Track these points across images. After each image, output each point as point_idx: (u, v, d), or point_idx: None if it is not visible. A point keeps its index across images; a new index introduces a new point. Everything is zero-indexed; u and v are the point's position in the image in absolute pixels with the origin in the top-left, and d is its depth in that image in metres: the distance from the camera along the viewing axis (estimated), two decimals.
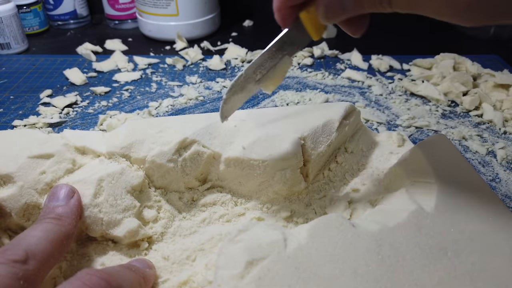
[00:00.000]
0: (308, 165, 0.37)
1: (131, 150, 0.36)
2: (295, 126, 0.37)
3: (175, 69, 0.69)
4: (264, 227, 0.30)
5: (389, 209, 0.33)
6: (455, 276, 0.27)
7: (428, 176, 0.34)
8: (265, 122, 0.38)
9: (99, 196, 0.33)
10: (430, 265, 0.27)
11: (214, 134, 0.38)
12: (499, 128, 0.53)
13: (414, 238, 0.29)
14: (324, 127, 0.38)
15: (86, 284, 0.24)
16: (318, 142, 0.37)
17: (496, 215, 0.31)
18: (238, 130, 0.38)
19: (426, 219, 0.30)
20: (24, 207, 0.33)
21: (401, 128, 0.53)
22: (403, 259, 0.28)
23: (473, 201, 0.32)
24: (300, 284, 0.26)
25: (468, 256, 0.28)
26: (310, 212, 0.37)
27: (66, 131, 0.38)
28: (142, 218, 0.35)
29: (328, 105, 0.42)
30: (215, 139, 0.38)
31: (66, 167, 0.35)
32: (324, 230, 0.29)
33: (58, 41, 0.84)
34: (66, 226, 0.29)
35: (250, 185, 0.37)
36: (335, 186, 0.39)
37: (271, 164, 0.35)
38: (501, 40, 0.84)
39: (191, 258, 0.33)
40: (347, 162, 0.40)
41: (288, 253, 0.27)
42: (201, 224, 0.36)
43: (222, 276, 0.26)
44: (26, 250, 0.25)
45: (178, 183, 0.37)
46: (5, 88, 0.63)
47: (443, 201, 0.32)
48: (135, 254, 0.34)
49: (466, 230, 0.30)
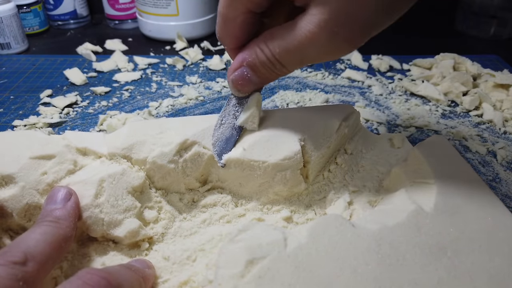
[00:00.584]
0: (308, 166, 0.37)
1: (132, 151, 0.36)
2: (295, 127, 0.38)
3: (175, 69, 0.69)
4: (264, 227, 0.30)
5: (388, 209, 0.33)
6: (455, 276, 0.27)
7: (427, 176, 0.35)
8: (266, 124, 0.38)
9: (100, 196, 0.33)
10: (430, 264, 0.27)
11: None
12: (499, 128, 0.53)
13: (414, 238, 0.29)
14: (324, 129, 0.38)
15: (87, 283, 0.24)
16: (318, 144, 0.37)
17: (495, 215, 0.31)
18: None
19: (426, 219, 0.30)
20: (26, 208, 0.33)
21: (401, 128, 0.53)
22: (403, 258, 0.28)
23: (472, 201, 0.32)
24: (300, 283, 0.26)
25: (467, 256, 0.28)
26: (310, 213, 0.37)
27: (67, 132, 0.38)
28: (142, 218, 0.35)
29: (328, 107, 0.42)
30: None
31: (67, 168, 0.35)
32: (324, 230, 0.29)
33: (58, 41, 0.85)
34: (64, 229, 0.29)
35: (251, 186, 0.37)
36: (335, 187, 0.39)
37: (271, 165, 0.35)
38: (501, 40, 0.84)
39: (192, 258, 0.33)
40: (347, 163, 0.40)
41: (288, 252, 0.28)
42: (202, 224, 0.37)
43: (223, 275, 0.26)
44: (25, 252, 0.26)
45: (179, 184, 0.37)
46: (5, 88, 0.63)
47: (443, 201, 0.32)
48: (136, 255, 0.34)
49: (466, 230, 0.30)
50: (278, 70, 0.33)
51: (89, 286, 0.24)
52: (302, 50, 0.31)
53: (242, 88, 0.35)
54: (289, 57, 0.32)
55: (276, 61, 0.33)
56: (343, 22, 0.29)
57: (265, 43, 0.32)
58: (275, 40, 0.32)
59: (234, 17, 0.33)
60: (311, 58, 0.32)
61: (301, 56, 0.32)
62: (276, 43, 0.32)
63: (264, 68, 0.33)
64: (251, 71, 0.34)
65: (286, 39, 0.31)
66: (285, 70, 0.33)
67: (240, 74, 0.34)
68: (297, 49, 0.31)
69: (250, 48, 0.34)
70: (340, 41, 0.30)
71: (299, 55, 0.31)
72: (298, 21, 0.30)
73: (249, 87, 0.35)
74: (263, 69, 0.34)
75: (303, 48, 0.31)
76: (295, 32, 0.30)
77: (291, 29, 0.31)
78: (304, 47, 0.31)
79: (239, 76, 0.34)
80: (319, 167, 0.39)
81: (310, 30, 0.29)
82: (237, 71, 0.35)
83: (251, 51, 0.33)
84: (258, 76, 0.34)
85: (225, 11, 0.33)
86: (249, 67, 0.34)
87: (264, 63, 0.33)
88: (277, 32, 0.32)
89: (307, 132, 0.37)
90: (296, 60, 0.32)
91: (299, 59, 0.32)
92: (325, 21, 0.29)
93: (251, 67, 0.34)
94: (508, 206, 0.39)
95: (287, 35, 0.31)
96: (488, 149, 0.49)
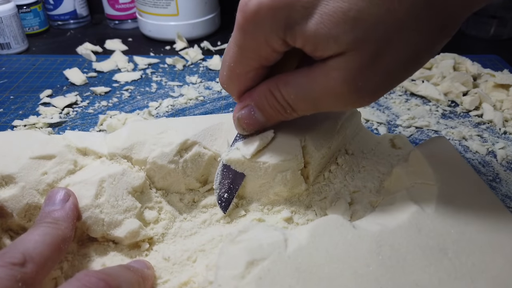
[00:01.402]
0: (309, 167, 0.37)
1: (132, 152, 0.36)
2: (296, 128, 0.37)
3: (175, 69, 0.69)
4: (265, 228, 0.30)
5: (389, 210, 0.33)
6: (456, 277, 0.27)
7: (428, 177, 0.34)
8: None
9: (100, 197, 0.33)
10: (431, 265, 0.27)
11: (215, 135, 0.38)
12: (499, 128, 0.53)
13: (415, 239, 0.29)
14: (324, 129, 0.38)
15: (85, 285, 0.24)
16: (318, 144, 0.37)
17: (496, 216, 0.31)
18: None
19: (427, 220, 0.30)
20: (26, 208, 0.33)
21: (401, 128, 0.53)
22: (403, 260, 0.28)
23: (473, 202, 0.32)
24: (301, 284, 0.26)
25: (468, 257, 0.28)
26: (310, 214, 0.37)
27: (67, 132, 0.38)
28: (143, 219, 0.35)
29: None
30: (216, 141, 0.38)
31: (67, 168, 0.35)
32: (325, 231, 0.29)
33: (58, 41, 0.85)
34: (63, 230, 0.29)
35: (251, 186, 0.37)
36: (335, 187, 0.39)
37: (272, 166, 0.35)
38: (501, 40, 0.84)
39: (192, 259, 0.33)
40: (348, 164, 0.40)
41: (289, 253, 0.27)
42: (202, 225, 0.36)
43: (223, 276, 0.26)
44: (24, 253, 0.26)
45: (179, 184, 0.37)
46: (5, 88, 0.63)
47: (443, 202, 0.32)
48: (136, 255, 0.34)
49: (466, 231, 0.30)
50: (288, 114, 0.32)
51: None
52: (320, 100, 0.30)
53: (247, 127, 0.34)
54: (304, 105, 0.31)
55: (288, 106, 0.31)
56: (365, 76, 0.27)
57: (278, 88, 0.31)
58: (290, 87, 0.31)
59: (245, 72, 0.31)
60: (328, 107, 0.31)
61: (317, 105, 0.31)
62: (292, 90, 0.31)
63: (273, 111, 0.32)
64: (259, 111, 0.33)
65: (303, 88, 0.30)
66: (295, 114, 0.32)
67: (247, 113, 0.33)
68: (315, 100, 0.30)
69: (260, 91, 0.32)
70: (363, 94, 0.29)
71: (315, 104, 0.30)
72: (317, 71, 0.29)
73: (255, 126, 0.34)
74: (271, 111, 0.33)
75: (322, 98, 0.30)
76: (314, 83, 0.29)
77: (309, 78, 0.29)
78: (323, 98, 0.30)
79: (246, 115, 0.33)
80: (320, 168, 0.39)
81: (332, 84, 0.28)
82: (243, 110, 0.34)
83: (260, 94, 0.32)
84: (265, 116, 0.33)
85: (234, 67, 0.31)
86: (257, 108, 0.33)
87: (274, 106, 0.32)
88: (293, 79, 0.30)
89: (308, 132, 0.37)
90: (310, 108, 0.31)
91: (314, 108, 0.31)
92: (348, 75, 0.27)
93: (259, 107, 0.33)
94: (508, 206, 0.39)
95: (305, 85, 0.30)
96: (488, 149, 0.49)
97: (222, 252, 0.28)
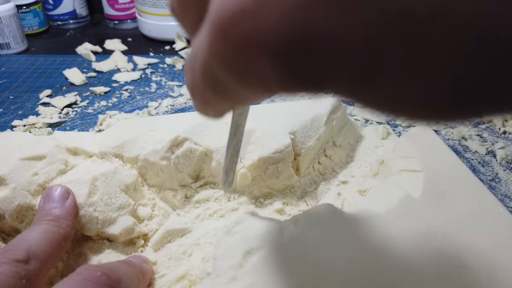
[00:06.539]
0: (299, 159, 0.38)
1: (123, 150, 0.36)
2: (285, 121, 0.38)
3: (174, 69, 0.69)
4: (260, 218, 0.30)
5: (378, 198, 0.34)
6: (446, 256, 0.28)
7: (414, 165, 0.36)
8: (256, 118, 0.39)
9: (94, 195, 0.33)
10: (421, 247, 0.28)
11: (206, 131, 0.38)
12: (499, 128, 0.53)
13: (404, 223, 0.30)
14: (312, 122, 0.39)
15: (87, 279, 0.24)
16: (307, 136, 0.38)
17: (480, 199, 0.33)
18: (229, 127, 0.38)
19: (415, 205, 0.31)
20: (18, 209, 0.33)
21: (401, 128, 0.54)
22: (395, 243, 0.29)
23: (457, 187, 0.34)
24: (297, 271, 0.27)
25: (456, 237, 0.29)
26: (302, 205, 0.38)
27: (56, 132, 0.38)
28: (137, 216, 0.35)
29: (315, 100, 0.43)
30: (206, 136, 0.38)
31: (58, 168, 0.35)
32: (318, 219, 0.30)
33: (58, 41, 0.84)
34: (64, 228, 0.29)
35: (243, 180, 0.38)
36: (325, 178, 0.40)
37: (263, 159, 0.36)
38: None
39: (187, 253, 0.33)
40: (336, 155, 0.41)
41: (284, 242, 0.28)
42: (195, 220, 0.37)
43: (221, 267, 0.27)
44: (28, 250, 0.26)
45: (172, 180, 0.38)
46: (4, 88, 0.62)
47: (430, 187, 0.33)
48: (131, 252, 0.34)
49: (453, 214, 0.31)
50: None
51: (89, 282, 0.24)
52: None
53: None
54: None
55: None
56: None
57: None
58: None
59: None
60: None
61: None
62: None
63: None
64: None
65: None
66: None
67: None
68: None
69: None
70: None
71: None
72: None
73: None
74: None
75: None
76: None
77: None
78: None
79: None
80: (310, 159, 0.40)
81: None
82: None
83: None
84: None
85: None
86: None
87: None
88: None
89: (297, 125, 0.38)
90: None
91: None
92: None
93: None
94: (508, 206, 0.38)
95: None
96: (488, 149, 0.49)
97: (219, 243, 0.29)
